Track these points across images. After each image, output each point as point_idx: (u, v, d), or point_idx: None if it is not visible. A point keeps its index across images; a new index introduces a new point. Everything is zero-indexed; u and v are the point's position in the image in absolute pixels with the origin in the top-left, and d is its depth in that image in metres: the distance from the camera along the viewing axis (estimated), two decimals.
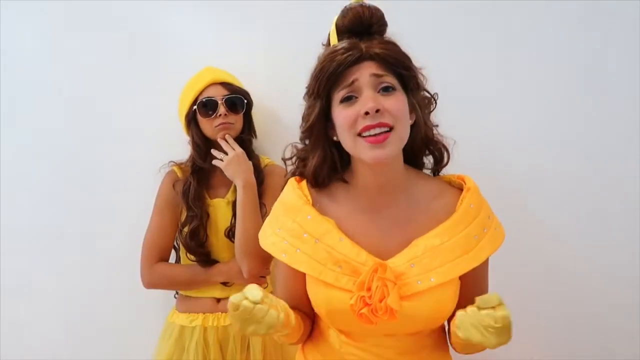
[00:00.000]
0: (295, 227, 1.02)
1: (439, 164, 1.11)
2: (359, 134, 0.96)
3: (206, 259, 1.55)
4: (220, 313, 1.55)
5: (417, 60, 1.03)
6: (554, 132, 1.51)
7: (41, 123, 1.82)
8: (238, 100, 1.54)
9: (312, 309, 1.08)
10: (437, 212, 1.02)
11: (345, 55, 0.97)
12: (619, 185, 1.48)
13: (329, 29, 1.04)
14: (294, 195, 1.05)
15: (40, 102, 1.81)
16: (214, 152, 1.53)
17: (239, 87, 1.57)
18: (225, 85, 1.54)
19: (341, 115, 0.98)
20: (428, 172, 1.13)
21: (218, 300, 1.56)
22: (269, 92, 1.68)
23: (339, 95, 0.98)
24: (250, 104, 1.59)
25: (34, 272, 1.84)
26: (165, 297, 1.68)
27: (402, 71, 0.99)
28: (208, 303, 1.56)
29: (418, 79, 1.03)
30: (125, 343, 1.78)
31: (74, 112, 1.80)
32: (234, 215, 1.53)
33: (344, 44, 0.99)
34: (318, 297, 1.02)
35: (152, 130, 1.75)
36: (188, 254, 1.56)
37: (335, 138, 1.03)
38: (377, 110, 0.94)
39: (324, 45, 1.07)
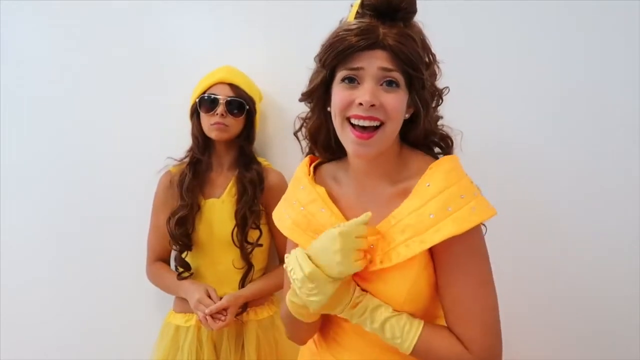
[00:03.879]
0: (289, 196, 1.09)
1: (442, 153, 1.07)
2: (348, 118, 0.94)
3: (187, 249, 1.56)
4: None
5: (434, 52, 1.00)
6: (559, 129, 1.51)
7: (41, 123, 1.83)
8: (239, 104, 1.54)
9: None
10: (410, 189, 0.97)
11: (358, 38, 0.92)
12: (622, 183, 1.48)
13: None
14: (299, 170, 1.10)
15: (41, 102, 1.82)
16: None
17: (246, 93, 1.56)
18: (232, 86, 1.54)
19: (338, 94, 0.95)
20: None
21: None
22: (269, 92, 1.68)
23: (342, 73, 0.95)
24: (252, 111, 1.58)
25: (34, 272, 1.85)
26: (164, 298, 1.67)
27: (410, 70, 0.94)
28: None
29: (425, 79, 0.97)
30: (125, 343, 1.79)
31: (74, 112, 1.81)
32: (235, 219, 1.53)
33: (362, 24, 0.93)
34: None
35: (152, 130, 1.76)
36: (171, 242, 1.56)
37: (329, 109, 1.01)
38: (372, 105, 0.92)
39: (352, 6, 1.01)
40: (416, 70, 0.94)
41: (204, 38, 1.74)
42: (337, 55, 0.94)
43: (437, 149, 1.08)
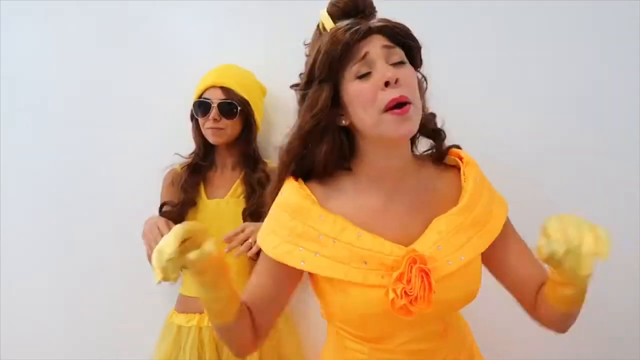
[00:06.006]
0: (307, 230, 0.95)
1: (436, 143, 1.05)
2: (385, 111, 0.90)
3: None
4: None
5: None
6: (558, 130, 1.51)
7: (42, 123, 1.83)
8: (231, 106, 1.54)
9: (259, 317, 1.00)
10: (443, 190, 1.01)
11: (352, 30, 0.91)
12: (622, 183, 1.49)
13: (318, 21, 1.00)
14: (298, 196, 0.97)
15: (42, 102, 1.82)
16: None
17: (238, 94, 1.55)
18: (224, 89, 1.55)
19: (359, 90, 0.92)
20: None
21: None
22: (269, 91, 1.68)
23: (352, 71, 0.92)
24: (246, 112, 1.57)
25: (34, 272, 1.85)
26: (166, 298, 1.68)
27: (410, 42, 0.96)
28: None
29: (421, 54, 0.99)
30: (126, 343, 1.79)
31: (74, 112, 1.81)
32: (243, 218, 1.53)
33: (345, 23, 0.94)
34: (349, 302, 0.94)
35: (154, 129, 1.76)
36: None
37: (343, 122, 0.97)
38: (397, 81, 0.90)
39: (313, 39, 1.02)
40: (414, 40, 0.97)
41: (204, 37, 1.74)
42: (341, 55, 0.92)
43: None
